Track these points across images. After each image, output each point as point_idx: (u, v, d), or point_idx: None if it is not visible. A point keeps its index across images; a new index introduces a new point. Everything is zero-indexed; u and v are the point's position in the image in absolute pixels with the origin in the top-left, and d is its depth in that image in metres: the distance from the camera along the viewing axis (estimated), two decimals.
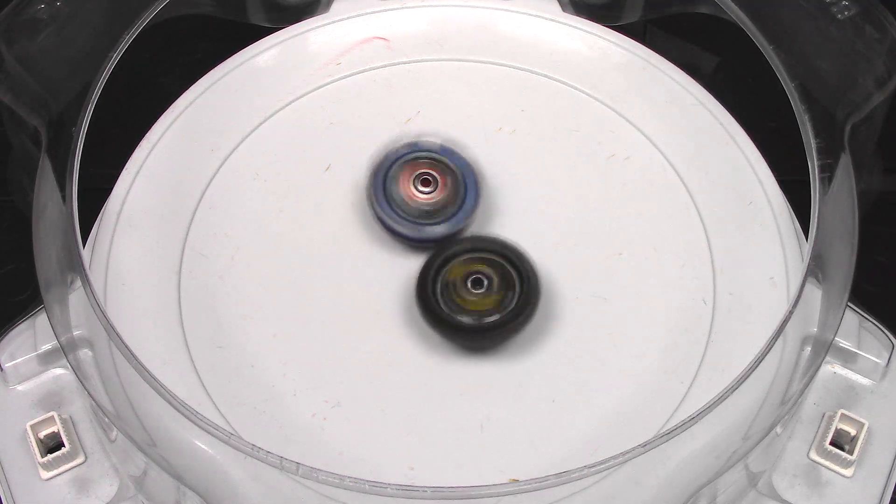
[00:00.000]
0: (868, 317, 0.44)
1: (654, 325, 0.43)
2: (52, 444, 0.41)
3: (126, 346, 0.38)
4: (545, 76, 0.49)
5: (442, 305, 0.42)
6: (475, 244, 0.43)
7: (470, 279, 0.42)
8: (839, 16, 0.46)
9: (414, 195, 0.44)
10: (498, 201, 0.46)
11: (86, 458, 0.42)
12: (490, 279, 0.42)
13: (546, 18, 0.51)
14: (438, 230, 0.44)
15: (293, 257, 0.44)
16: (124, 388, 0.41)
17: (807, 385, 0.40)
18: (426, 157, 0.44)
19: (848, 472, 0.42)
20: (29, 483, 0.41)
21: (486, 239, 0.43)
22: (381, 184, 0.44)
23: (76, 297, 0.42)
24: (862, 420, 0.42)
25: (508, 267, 0.42)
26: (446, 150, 0.45)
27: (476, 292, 0.42)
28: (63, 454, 0.41)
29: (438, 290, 0.42)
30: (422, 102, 0.48)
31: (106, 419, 0.39)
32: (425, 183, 0.44)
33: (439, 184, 0.44)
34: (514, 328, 0.42)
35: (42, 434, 0.41)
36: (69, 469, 0.41)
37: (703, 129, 0.48)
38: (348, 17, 0.51)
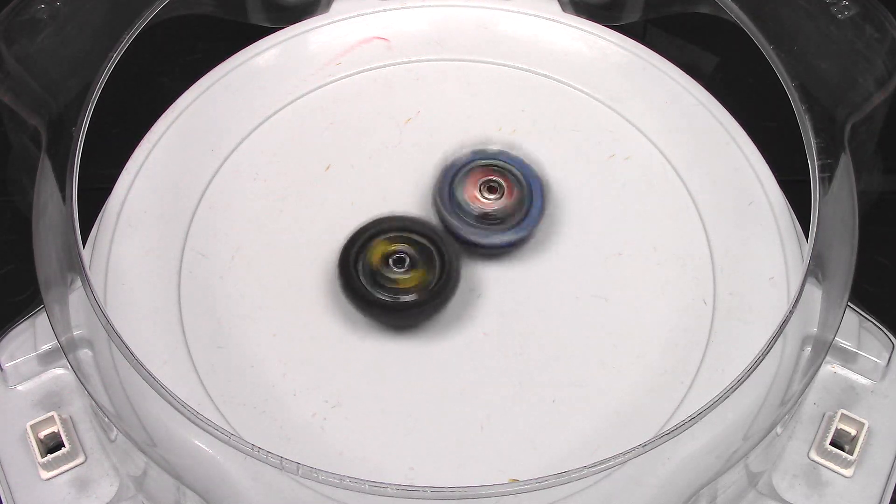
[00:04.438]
0: (868, 317, 0.44)
1: (654, 325, 0.43)
2: (52, 444, 0.41)
3: (126, 346, 0.38)
4: (545, 76, 0.49)
5: (363, 282, 0.42)
6: (395, 224, 0.43)
7: (392, 258, 0.42)
8: (839, 16, 0.46)
9: (479, 201, 0.44)
10: None
11: (86, 458, 0.42)
12: (412, 257, 0.42)
13: (546, 18, 0.51)
14: (505, 237, 0.44)
15: (293, 257, 0.44)
16: (124, 388, 0.41)
17: (807, 385, 0.40)
18: (492, 164, 0.45)
19: (848, 472, 0.42)
20: (29, 483, 0.41)
21: (405, 218, 0.44)
22: (447, 189, 0.44)
23: (76, 297, 0.42)
24: (862, 420, 0.42)
25: (427, 244, 0.43)
26: (512, 158, 0.45)
27: (398, 271, 0.42)
28: (63, 454, 0.41)
29: (360, 269, 0.42)
30: (422, 102, 0.48)
31: (106, 419, 0.39)
32: (491, 190, 0.44)
33: (505, 190, 0.44)
34: (437, 305, 0.42)
35: (42, 434, 0.41)
36: (69, 469, 0.41)
37: (703, 129, 0.48)
38: (348, 17, 0.51)
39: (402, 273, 0.42)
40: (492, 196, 0.44)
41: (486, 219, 0.44)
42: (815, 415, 0.43)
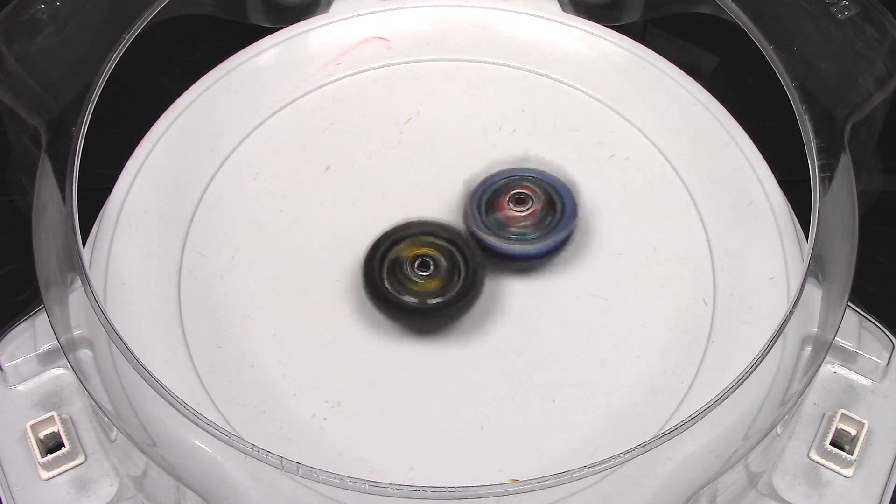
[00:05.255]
0: (868, 317, 0.44)
1: (654, 325, 0.43)
2: (52, 444, 0.41)
3: (126, 346, 0.38)
4: (545, 76, 0.49)
5: (387, 286, 0.42)
6: (422, 228, 0.43)
7: (417, 262, 0.42)
8: (839, 16, 0.46)
9: (509, 213, 0.44)
10: None
11: (86, 458, 0.42)
12: (436, 262, 0.42)
13: (546, 18, 0.51)
14: (535, 248, 0.44)
15: (293, 257, 0.44)
16: (124, 388, 0.41)
17: (807, 385, 0.40)
18: (522, 178, 0.45)
19: (848, 472, 0.42)
20: (29, 483, 0.41)
21: (432, 223, 0.44)
22: (477, 202, 0.44)
23: (76, 297, 0.42)
24: (862, 420, 0.42)
25: (453, 249, 0.43)
26: (542, 173, 0.45)
27: (422, 274, 0.42)
28: (63, 454, 0.41)
29: (385, 272, 0.43)
30: (422, 102, 0.48)
31: (106, 419, 0.39)
32: (519, 202, 0.44)
33: (534, 203, 0.44)
34: (458, 310, 0.42)
35: (42, 434, 0.41)
36: (69, 469, 0.41)
37: (703, 129, 0.48)
38: (348, 17, 0.51)
39: (426, 277, 0.42)
40: (520, 208, 0.44)
41: (516, 231, 0.44)
42: (815, 415, 0.43)
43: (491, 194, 0.44)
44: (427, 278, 0.42)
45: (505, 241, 0.44)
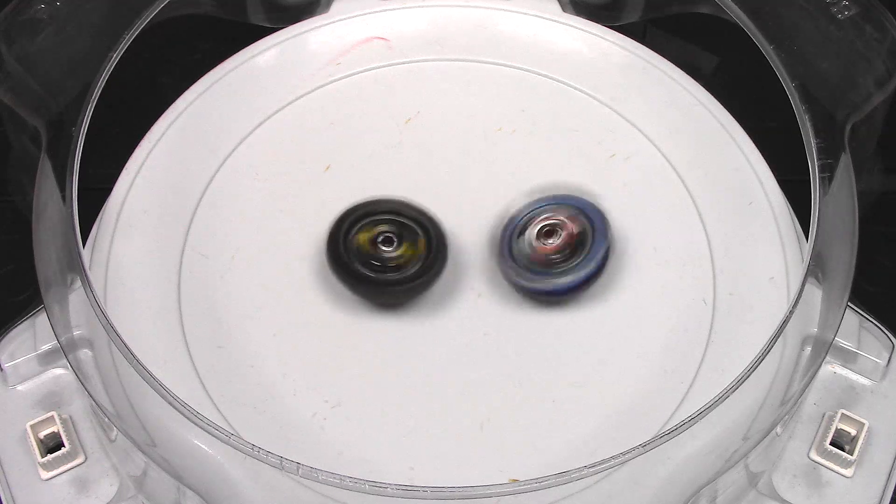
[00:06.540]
0: (868, 317, 0.44)
1: (654, 325, 0.43)
2: (52, 444, 0.41)
3: (126, 346, 0.38)
4: (545, 76, 0.49)
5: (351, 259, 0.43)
6: (378, 207, 0.44)
7: (379, 239, 0.43)
8: (839, 16, 0.46)
9: (539, 246, 0.43)
10: None
11: (86, 458, 0.42)
12: (400, 236, 0.43)
13: (546, 18, 0.51)
14: (564, 281, 0.43)
15: (293, 257, 0.44)
16: (124, 388, 0.41)
17: (807, 385, 0.40)
18: (552, 207, 0.44)
19: (848, 472, 0.42)
20: (29, 483, 0.41)
21: (388, 202, 0.44)
22: (507, 238, 0.44)
23: (76, 297, 0.42)
24: (862, 420, 0.42)
25: (410, 223, 0.43)
26: (571, 199, 0.44)
27: (387, 250, 0.43)
28: (63, 454, 0.41)
29: (349, 249, 0.43)
30: (422, 102, 0.48)
31: (106, 419, 0.39)
32: (549, 234, 0.44)
33: (562, 234, 0.43)
34: (426, 281, 0.43)
35: (42, 434, 0.41)
36: (69, 469, 0.41)
37: (703, 129, 0.48)
38: (348, 17, 0.51)
39: (391, 252, 0.42)
40: (550, 240, 0.44)
41: (548, 264, 0.43)
42: (815, 415, 0.43)
43: (518, 229, 0.44)
44: (399, 252, 0.43)
45: (533, 281, 0.43)
